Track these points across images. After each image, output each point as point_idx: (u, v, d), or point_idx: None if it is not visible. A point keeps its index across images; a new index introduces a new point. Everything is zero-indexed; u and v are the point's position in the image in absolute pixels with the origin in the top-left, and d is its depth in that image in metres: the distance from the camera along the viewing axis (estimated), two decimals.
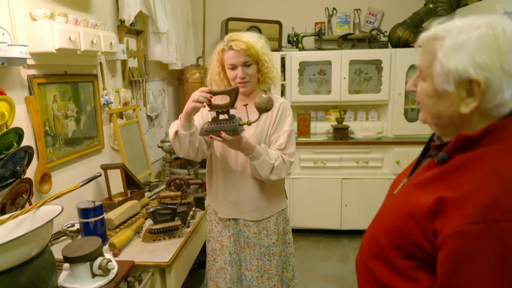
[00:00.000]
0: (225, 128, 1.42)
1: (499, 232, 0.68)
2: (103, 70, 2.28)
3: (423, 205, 0.78)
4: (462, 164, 0.78)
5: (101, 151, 2.32)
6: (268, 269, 1.68)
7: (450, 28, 0.78)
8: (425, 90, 0.83)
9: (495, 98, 0.75)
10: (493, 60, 0.73)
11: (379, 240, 0.89)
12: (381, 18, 3.65)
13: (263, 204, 1.65)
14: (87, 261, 1.37)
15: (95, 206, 1.71)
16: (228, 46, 1.55)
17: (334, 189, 3.38)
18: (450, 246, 0.72)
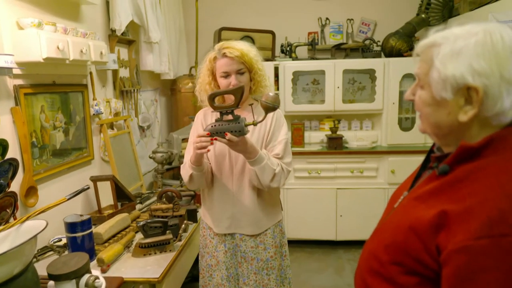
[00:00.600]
0: (231, 128, 1.37)
1: (506, 248, 0.65)
2: (93, 80, 2.24)
3: (425, 219, 0.75)
4: (465, 176, 0.75)
5: (90, 163, 2.27)
6: (267, 284, 1.63)
7: (447, 35, 0.77)
8: (423, 98, 0.81)
9: (495, 106, 0.73)
10: (492, 67, 0.71)
11: (379, 256, 0.85)
12: (374, 28, 3.67)
13: (260, 217, 1.61)
14: (73, 279, 1.31)
15: (82, 220, 1.65)
16: (221, 54, 1.51)
17: (329, 199, 3.34)
18: (455, 262, 0.69)
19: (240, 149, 1.43)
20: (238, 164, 1.57)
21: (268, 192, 1.60)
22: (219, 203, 1.62)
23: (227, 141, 1.38)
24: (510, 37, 0.73)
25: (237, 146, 1.40)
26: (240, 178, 1.58)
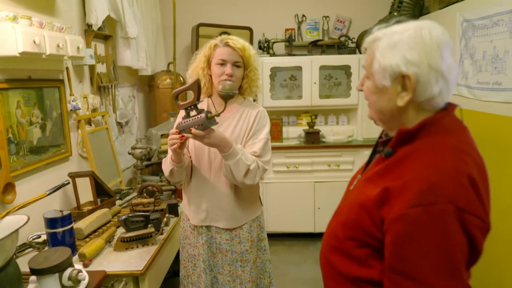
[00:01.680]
0: (195, 123, 1.39)
1: (435, 214, 0.76)
2: (70, 76, 2.21)
3: (372, 196, 0.85)
4: (404, 156, 0.86)
5: (68, 159, 2.24)
6: (240, 275, 1.66)
7: (387, 31, 0.88)
8: (368, 87, 0.92)
9: (425, 92, 0.84)
10: (421, 58, 0.83)
11: (338, 233, 0.95)
12: (349, 25, 3.76)
13: (237, 212, 1.63)
14: (55, 273, 1.31)
15: (63, 215, 1.64)
16: (223, 43, 1.54)
17: (307, 192, 3.42)
18: (394, 229, 0.79)
19: (211, 142, 1.42)
20: (217, 160, 1.59)
21: (246, 188, 1.61)
22: (196, 196, 1.64)
23: (193, 137, 1.40)
24: (438, 33, 0.84)
25: (205, 139, 1.41)
26: (218, 173, 1.59)
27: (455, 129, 0.88)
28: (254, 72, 1.59)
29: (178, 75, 3.49)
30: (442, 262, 0.76)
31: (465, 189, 0.78)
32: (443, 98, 0.86)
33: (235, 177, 1.50)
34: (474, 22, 2.50)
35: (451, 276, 0.77)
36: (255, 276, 1.70)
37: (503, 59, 2.21)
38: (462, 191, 0.78)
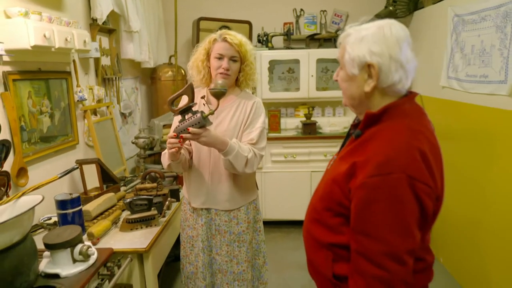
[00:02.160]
0: (191, 123, 1.49)
1: (390, 182, 0.90)
2: (77, 68, 2.33)
3: (342, 171, 1.00)
4: (370, 136, 1.00)
5: (75, 147, 2.37)
6: (237, 255, 1.78)
7: (356, 28, 1.02)
8: (341, 76, 1.07)
9: (387, 79, 0.98)
10: (383, 49, 0.97)
11: (316, 206, 1.10)
12: (346, 19, 3.85)
13: (235, 196, 1.75)
14: (67, 248, 1.44)
15: (72, 198, 1.77)
16: (221, 38, 1.64)
17: (304, 181, 3.54)
18: (356, 196, 0.94)
19: (208, 141, 1.53)
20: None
21: (243, 175, 1.73)
22: (196, 181, 1.76)
23: (192, 136, 1.50)
24: (397, 29, 0.99)
25: (202, 138, 1.51)
26: (217, 159, 1.70)
27: (414, 113, 1.01)
28: (250, 67, 1.69)
29: (179, 67, 3.60)
30: (396, 222, 0.90)
31: (416, 161, 0.92)
32: (403, 85, 1.00)
33: (237, 169, 1.62)
34: (464, 17, 2.59)
35: (404, 234, 0.91)
36: (251, 256, 1.83)
37: (489, 53, 2.31)
38: (413, 163, 0.91)
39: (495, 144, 2.26)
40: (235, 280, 1.76)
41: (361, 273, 0.95)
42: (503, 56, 2.19)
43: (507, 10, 2.14)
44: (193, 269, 1.81)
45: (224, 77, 1.64)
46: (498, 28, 2.22)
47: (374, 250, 0.92)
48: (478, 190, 2.41)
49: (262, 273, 1.88)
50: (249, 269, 1.80)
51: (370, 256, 0.93)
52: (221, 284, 1.77)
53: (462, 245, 2.62)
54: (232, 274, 1.76)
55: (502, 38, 2.19)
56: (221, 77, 1.63)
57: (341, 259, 1.04)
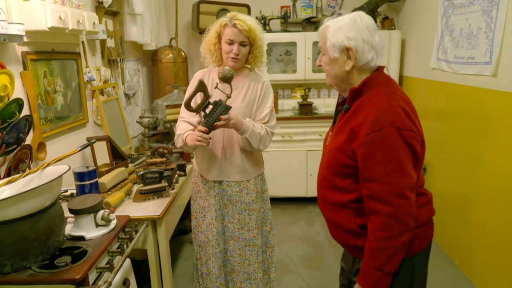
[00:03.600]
0: (220, 112, 1.63)
1: (382, 135, 1.11)
2: (86, 49, 2.43)
3: (343, 138, 1.20)
4: (357, 107, 1.21)
5: (85, 125, 2.49)
6: (248, 222, 1.94)
7: (333, 20, 1.23)
8: (324, 61, 1.27)
9: (363, 58, 1.19)
10: (357, 35, 1.17)
11: (325, 175, 1.29)
12: (341, 3, 3.96)
13: (247, 168, 1.90)
14: (91, 213, 1.58)
15: (89, 170, 1.90)
16: (231, 23, 1.72)
17: (300, 160, 3.71)
18: (360, 152, 1.14)
19: (236, 122, 1.70)
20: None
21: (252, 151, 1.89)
22: (210, 157, 1.89)
23: (224, 122, 1.64)
24: (366, 18, 1.20)
25: (231, 121, 1.67)
26: (230, 138, 1.84)
27: (386, 82, 1.23)
28: (259, 50, 1.79)
29: (180, 50, 3.69)
30: (392, 166, 1.11)
31: (399, 115, 1.12)
32: (375, 62, 1.21)
33: (253, 146, 1.78)
34: (454, 1, 2.73)
35: (401, 173, 1.12)
36: (260, 223, 1.99)
37: (476, 35, 2.46)
38: (397, 117, 1.12)
39: (481, 122, 2.43)
40: (246, 245, 1.93)
41: (374, 212, 1.15)
42: (489, 38, 2.34)
43: None
44: (204, 238, 1.96)
45: (234, 61, 1.76)
46: (485, 12, 2.36)
47: (380, 191, 1.13)
48: (468, 166, 2.58)
49: (270, 238, 2.05)
50: (258, 235, 1.96)
51: (378, 196, 1.13)
52: (233, 249, 1.93)
53: (452, 220, 2.81)
54: (243, 240, 1.92)
55: (488, 21, 2.34)
56: (232, 61, 1.75)
57: (360, 212, 1.23)
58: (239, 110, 1.79)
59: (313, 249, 3.03)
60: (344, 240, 1.33)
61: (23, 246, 1.32)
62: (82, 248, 1.49)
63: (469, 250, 2.55)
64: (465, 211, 2.59)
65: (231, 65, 1.77)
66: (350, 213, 1.25)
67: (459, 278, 2.59)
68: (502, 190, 2.21)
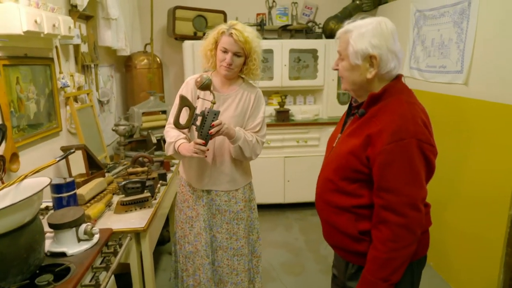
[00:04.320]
0: (210, 120, 1.61)
1: (403, 146, 1.11)
2: (59, 54, 2.32)
3: (357, 143, 1.18)
4: (375, 113, 1.19)
5: (59, 134, 2.37)
6: (236, 232, 1.91)
7: (356, 25, 1.20)
8: (344, 66, 1.24)
9: (386, 67, 1.17)
10: (382, 43, 1.15)
11: (332, 178, 1.27)
12: (315, 11, 4.03)
13: (236, 177, 1.88)
14: (73, 227, 1.50)
15: (67, 181, 1.81)
16: (229, 32, 1.69)
17: (278, 167, 3.72)
18: (378, 160, 1.13)
19: (228, 127, 1.67)
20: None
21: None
22: (199, 165, 1.85)
23: (218, 128, 1.61)
24: (390, 25, 1.18)
25: (224, 126, 1.64)
26: (221, 146, 1.81)
27: (405, 90, 1.22)
28: (254, 62, 1.76)
29: (155, 56, 3.62)
30: (411, 177, 1.12)
31: (420, 127, 1.13)
32: (397, 71, 1.20)
33: (245, 154, 1.75)
34: (425, 12, 2.85)
35: (417, 186, 1.13)
36: (247, 232, 1.97)
37: (447, 45, 2.58)
38: (419, 129, 1.12)
39: (453, 128, 2.54)
40: (234, 255, 1.90)
41: (385, 222, 1.15)
42: (460, 48, 2.46)
43: (463, 8, 2.41)
44: (192, 248, 1.90)
45: (226, 70, 1.73)
46: (455, 24, 2.49)
47: (395, 201, 1.12)
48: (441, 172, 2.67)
49: (256, 247, 2.03)
50: (246, 244, 1.93)
51: (393, 207, 1.13)
52: (221, 259, 1.90)
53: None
54: (232, 250, 1.89)
55: (459, 32, 2.46)
56: (224, 69, 1.73)
57: (363, 217, 1.23)
58: (231, 120, 1.77)
59: (293, 255, 3.04)
60: (342, 244, 1.32)
61: (1, 266, 1.23)
62: (65, 265, 1.41)
63: (444, 253, 2.65)
64: (439, 215, 2.69)
65: (223, 74, 1.75)
66: (352, 218, 1.24)
67: (435, 278, 2.68)
68: (475, 194, 2.31)
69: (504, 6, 2.07)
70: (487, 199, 2.21)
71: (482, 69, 2.25)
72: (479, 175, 2.28)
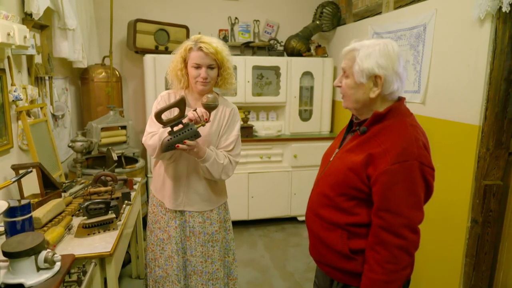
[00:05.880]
0: (188, 135, 1.53)
1: (407, 168, 1.11)
2: (12, 65, 2.15)
3: (358, 160, 1.17)
4: (377, 132, 1.19)
5: (9, 151, 2.17)
6: (211, 254, 1.84)
7: (362, 44, 1.21)
8: (348, 84, 1.24)
9: (389, 88, 1.20)
10: (388, 64, 1.16)
11: (327, 193, 1.25)
12: (277, 30, 4.12)
13: (212, 198, 1.81)
14: (32, 255, 1.36)
15: (22, 204, 1.65)
16: (197, 47, 1.64)
17: (242, 183, 3.69)
18: (381, 180, 1.12)
19: (195, 151, 1.59)
20: None
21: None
22: (173, 184, 1.77)
23: (187, 148, 1.54)
24: (396, 47, 1.20)
25: (194, 149, 1.57)
26: (195, 166, 1.74)
27: (408, 113, 1.24)
28: (227, 72, 1.73)
29: (114, 69, 3.47)
30: (412, 200, 1.12)
31: (422, 150, 1.15)
32: (400, 92, 1.23)
33: (213, 175, 1.68)
34: (383, 35, 3.01)
35: (418, 208, 1.14)
36: (222, 254, 1.89)
37: (405, 66, 2.72)
38: (421, 152, 1.14)
39: None
40: (209, 279, 1.81)
41: (384, 244, 1.14)
42: (416, 70, 2.61)
43: (419, 32, 2.57)
44: (162, 273, 1.80)
45: (203, 85, 1.68)
46: (412, 46, 2.65)
47: (396, 223, 1.12)
48: None
49: (232, 270, 1.96)
50: (221, 267, 1.86)
51: (392, 228, 1.13)
52: (195, 285, 1.80)
53: None
54: (207, 274, 1.81)
55: (415, 55, 2.61)
56: (201, 84, 1.68)
57: (355, 236, 1.22)
58: (207, 137, 1.72)
59: (260, 273, 2.99)
60: (329, 260, 1.30)
61: None
62: None
63: None
64: None
65: (200, 89, 1.70)
66: (344, 235, 1.23)
67: None
68: (435, 209, 2.43)
69: (456, 31, 2.23)
70: (446, 213, 2.33)
71: (437, 89, 2.41)
72: (438, 190, 2.40)
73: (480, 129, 2.07)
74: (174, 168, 1.77)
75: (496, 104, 2.01)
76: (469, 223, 2.16)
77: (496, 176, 2.10)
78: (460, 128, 2.20)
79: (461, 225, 2.20)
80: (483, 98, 2.04)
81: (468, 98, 2.15)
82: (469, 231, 2.16)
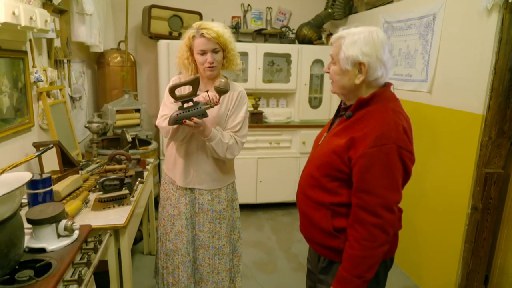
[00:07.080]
0: (196, 113, 1.62)
1: (385, 151, 1.17)
2: (33, 48, 2.26)
3: (341, 144, 1.25)
4: (361, 117, 1.26)
5: (31, 130, 2.30)
6: (218, 231, 1.94)
7: (349, 32, 1.27)
8: (335, 70, 1.31)
9: (373, 74, 1.24)
10: (372, 51, 1.21)
11: (314, 174, 1.34)
12: (289, 17, 4.15)
13: (220, 177, 1.90)
14: (53, 223, 1.49)
15: (44, 177, 1.77)
16: (199, 34, 1.71)
17: (251, 167, 3.78)
18: (359, 163, 1.20)
19: (201, 129, 1.68)
20: None
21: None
22: (183, 162, 1.86)
23: (193, 125, 1.62)
24: (382, 35, 1.25)
25: (200, 127, 1.65)
26: (203, 145, 1.82)
27: (392, 99, 1.29)
28: (232, 53, 1.79)
29: (129, 54, 3.58)
30: (389, 181, 1.19)
31: (401, 134, 1.20)
32: (384, 79, 1.28)
33: (219, 154, 1.78)
34: (393, 24, 3.03)
35: (394, 189, 1.20)
36: (229, 231, 2.00)
37: (413, 55, 2.76)
38: (400, 136, 1.20)
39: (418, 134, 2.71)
40: (216, 254, 1.93)
41: (361, 222, 1.21)
42: (424, 59, 2.64)
43: (428, 21, 2.59)
44: (172, 246, 1.92)
45: (211, 69, 1.76)
46: (421, 36, 2.67)
47: (373, 203, 1.19)
48: None
49: (237, 247, 2.06)
50: (227, 243, 1.97)
51: (369, 207, 1.20)
52: (203, 258, 1.92)
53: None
54: (213, 249, 1.92)
55: (424, 44, 2.64)
56: (208, 70, 1.75)
57: (338, 215, 1.30)
58: (215, 119, 1.80)
59: (266, 254, 3.11)
60: (315, 237, 1.39)
61: None
62: (45, 260, 1.39)
63: (408, 250, 2.81)
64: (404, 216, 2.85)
65: (208, 75, 1.78)
66: (328, 214, 1.31)
67: (401, 276, 2.84)
68: (437, 196, 2.49)
69: (464, 21, 2.25)
70: (448, 200, 2.39)
71: (444, 78, 2.44)
72: (441, 177, 2.46)
73: (484, 118, 2.11)
74: (185, 148, 1.86)
75: (500, 94, 2.04)
76: (469, 210, 2.21)
77: (497, 164, 2.14)
78: (464, 117, 2.24)
79: (461, 212, 2.26)
80: (487, 88, 2.08)
81: (473, 88, 2.18)
82: (469, 218, 2.22)
